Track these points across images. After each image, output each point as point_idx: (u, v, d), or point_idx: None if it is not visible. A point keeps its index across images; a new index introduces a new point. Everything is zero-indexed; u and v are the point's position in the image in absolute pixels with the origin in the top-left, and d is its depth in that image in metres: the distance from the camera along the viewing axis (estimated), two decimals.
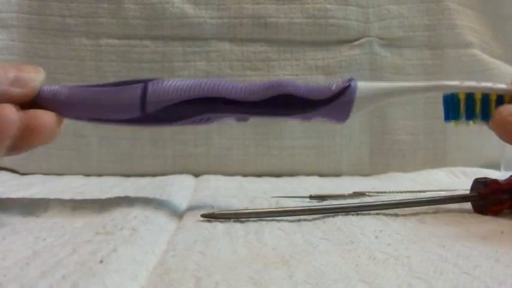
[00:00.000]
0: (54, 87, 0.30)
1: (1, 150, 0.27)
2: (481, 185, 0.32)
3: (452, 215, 0.31)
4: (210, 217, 0.29)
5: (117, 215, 0.28)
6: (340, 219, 0.29)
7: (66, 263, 0.19)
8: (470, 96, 0.31)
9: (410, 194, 0.39)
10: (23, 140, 0.28)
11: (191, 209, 0.32)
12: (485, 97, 0.30)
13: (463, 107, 0.31)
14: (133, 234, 0.24)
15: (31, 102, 0.30)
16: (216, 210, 0.30)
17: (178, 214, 0.31)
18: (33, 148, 0.29)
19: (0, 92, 0.28)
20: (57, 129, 0.30)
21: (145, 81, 0.30)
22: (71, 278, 0.18)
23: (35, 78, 0.30)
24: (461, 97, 0.31)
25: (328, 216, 0.30)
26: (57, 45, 0.54)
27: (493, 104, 0.30)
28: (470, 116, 0.31)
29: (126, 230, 0.24)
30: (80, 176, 0.54)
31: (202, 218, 0.29)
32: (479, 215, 0.31)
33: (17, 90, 0.29)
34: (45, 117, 0.29)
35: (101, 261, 0.19)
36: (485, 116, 0.30)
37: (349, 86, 0.30)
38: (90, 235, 0.24)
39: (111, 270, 0.19)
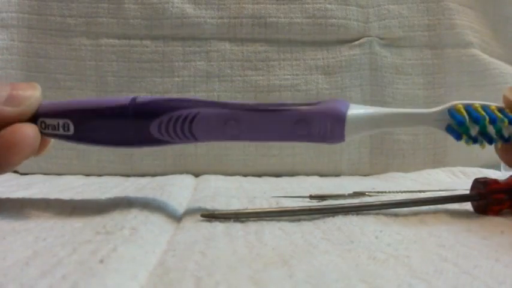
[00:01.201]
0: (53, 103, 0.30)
1: None
2: (481, 185, 0.32)
3: (452, 215, 0.31)
4: (210, 217, 0.29)
5: (117, 214, 0.28)
6: (340, 219, 0.29)
7: (66, 263, 0.19)
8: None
9: (410, 194, 0.39)
10: (2, 157, 0.27)
11: (191, 209, 0.32)
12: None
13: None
14: (133, 234, 0.24)
15: (30, 120, 0.29)
16: (216, 210, 0.30)
17: (178, 214, 0.31)
18: (15, 164, 0.28)
19: None
20: (38, 142, 0.29)
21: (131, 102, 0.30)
22: (71, 277, 0.18)
23: (30, 95, 0.29)
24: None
25: (328, 216, 0.30)
26: (57, 45, 0.54)
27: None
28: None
29: (126, 230, 0.24)
30: (80, 176, 0.54)
31: (202, 218, 0.29)
32: (479, 215, 0.31)
33: (10, 109, 0.28)
34: (24, 129, 0.28)
35: (101, 261, 0.19)
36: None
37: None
38: (90, 235, 0.24)
39: (111, 270, 0.19)
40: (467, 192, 0.33)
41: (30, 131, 0.28)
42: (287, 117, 0.29)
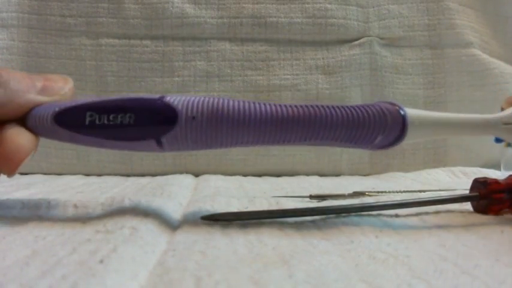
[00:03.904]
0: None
1: None
2: (480, 185, 0.32)
3: (452, 215, 0.31)
4: (210, 219, 0.29)
5: (117, 214, 0.28)
6: (340, 219, 0.29)
7: (66, 263, 0.19)
8: None
9: (411, 193, 0.39)
10: None
11: (191, 208, 0.32)
12: None
13: None
14: (133, 234, 0.24)
15: None
16: (215, 212, 0.29)
17: (178, 214, 0.31)
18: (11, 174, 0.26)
19: (27, 101, 0.27)
20: (33, 147, 0.27)
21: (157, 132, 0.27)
22: (71, 277, 0.18)
23: (63, 87, 0.29)
24: None
25: (329, 217, 0.30)
26: (57, 45, 0.54)
27: None
28: None
29: (126, 229, 0.24)
30: (80, 176, 0.54)
31: (202, 219, 0.29)
32: (479, 215, 0.31)
33: (45, 99, 0.28)
34: (17, 140, 0.26)
35: (101, 261, 0.19)
36: None
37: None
38: (90, 234, 0.24)
39: (111, 270, 0.19)
40: (467, 192, 0.33)
41: (25, 140, 0.27)
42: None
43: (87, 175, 0.54)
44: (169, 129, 0.26)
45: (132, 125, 0.26)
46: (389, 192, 0.39)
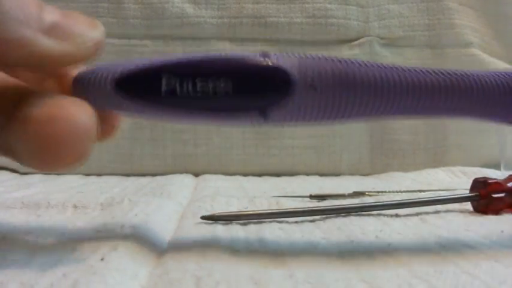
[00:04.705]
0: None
1: None
2: (481, 185, 0.32)
3: (452, 215, 0.31)
4: (210, 219, 0.29)
5: (118, 213, 0.28)
6: (340, 219, 0.29)
7: (66, 261, 0.19)
8: None
9: (411, 193, 0.39)
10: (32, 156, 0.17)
11: (191, 208, 0.32)
12: None
13: None
14: (133, 233, 0.24)
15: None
16: (215, 212, 0.30)
17: (178, 213, 0.31)
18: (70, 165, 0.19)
19: (21, 38, 0.16)
20: (95, 128, 0.18)
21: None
22: (72, 275, 0.18)
23: (86, 31, 0.19)
24: None
25: (329, 217, 0.30)
26: None
27: None
28: None
29: (127, 228, 0.24)
30: (80, 176, 0.54)
31: (202, 218, 0.29)
32: (479, 215, 0.31)
33: (51, 44, 0.17)
34: (73, 118, 0.17)
35: (102, 259, 0.19)
36: None
37: None
38: (90, 233, 0.24)
39: (112, 269, 0.19)
40: (467, 192, 0.33)
41: (83, 117, 0.18)
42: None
43: (87, 175, 0.54)
44: (280, 100, 0.20)
45: (229, 94, 0.19)
46: (389, 192, 0.39)
